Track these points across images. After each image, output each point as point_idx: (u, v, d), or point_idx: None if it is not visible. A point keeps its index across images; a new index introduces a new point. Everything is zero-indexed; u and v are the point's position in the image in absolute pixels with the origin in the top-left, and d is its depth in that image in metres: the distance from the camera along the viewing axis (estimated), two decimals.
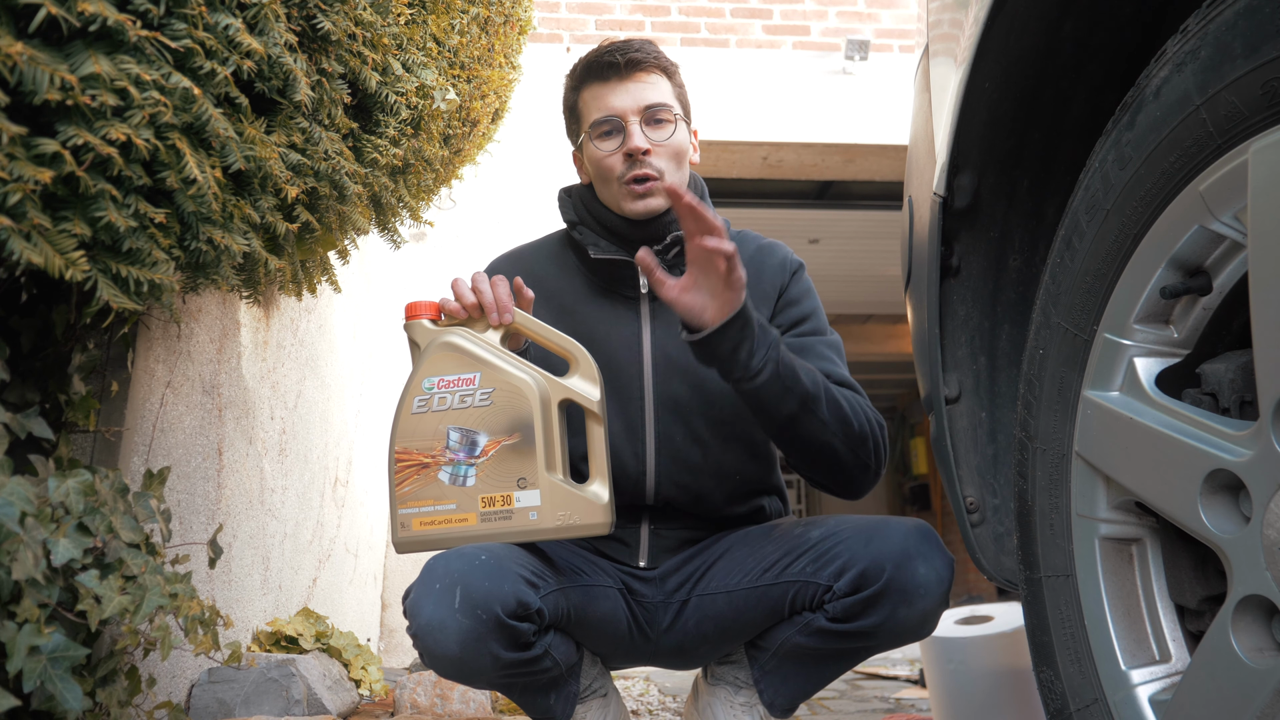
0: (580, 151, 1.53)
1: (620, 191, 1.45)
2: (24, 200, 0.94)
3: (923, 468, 10.37)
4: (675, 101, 1.49)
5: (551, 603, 1.27)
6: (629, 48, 1.46)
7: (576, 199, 1.55)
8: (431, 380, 1.28)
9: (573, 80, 1.52)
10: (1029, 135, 1.13)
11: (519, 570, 1.22)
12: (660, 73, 1.48)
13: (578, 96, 1.51)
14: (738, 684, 1.45)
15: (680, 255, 1.48)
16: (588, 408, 1.31)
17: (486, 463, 1.25)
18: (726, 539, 1.47)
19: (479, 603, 1.17)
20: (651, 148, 1.44)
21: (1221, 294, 0.77)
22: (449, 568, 1.20)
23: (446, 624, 1.17)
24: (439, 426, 1.26)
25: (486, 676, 1.24)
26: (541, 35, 4.51)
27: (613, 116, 1.45)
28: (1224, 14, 0.70)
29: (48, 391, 1.37)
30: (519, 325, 1.31)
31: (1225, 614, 0.71)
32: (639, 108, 1.45)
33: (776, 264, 1.55)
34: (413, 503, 1.26)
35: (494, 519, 1.25)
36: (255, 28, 1.18)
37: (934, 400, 1.21)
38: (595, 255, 1.48)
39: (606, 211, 1.50)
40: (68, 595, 1.15)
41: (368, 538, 3.22)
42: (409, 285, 3.88)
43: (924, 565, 1.27)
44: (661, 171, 1.45)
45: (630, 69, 1.45)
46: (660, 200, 1.45)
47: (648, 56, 1.46)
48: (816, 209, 5.79)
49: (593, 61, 1.48)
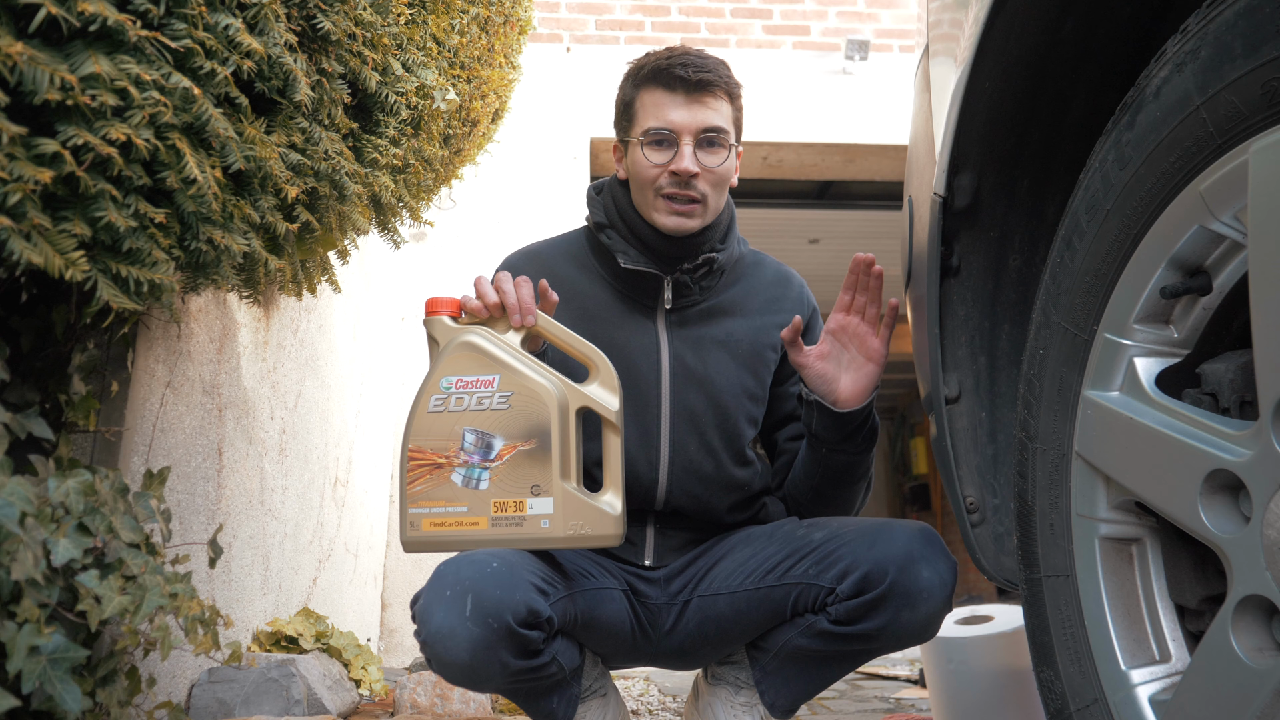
0: (624, 147, 1.50)
1: (656, 202, 1.43)
2: (24, 200, 0.94)
3: (923, 468, 10.37)
4: (733, 128, 1.45)
5: (560, 609, 1.27)
6: (703, 65, 1.42)
7: (607, 198, 1.52)
8: (450, 380, 1.26)
9: (635, 77, 1.47)
10: (1029, 135, 1.13)
11: (530, 578, 1.22)
12: (726, 97, 1.44)
13: (637, 95, 1.46)
14: (738, 684, 1.45)
15: (709, 275, 1.48)
16: (606, 417, 1.29)
17: (501, 467, 1.24)
18: (730, 539, 1.47)
19: (490, 611, 1.16)
20: (700, 172, 1.41)
21: (1221, 294, 0.77)
22: (460, 574, 1.19)
23: (457, 632, 1.16)
24: (455, 427, 1.25)
25: (495, 683, 1.23)
26: (541, 35, 4.51)
27: (670, 130, 1.41)
28: (1224, 14, 0.70)
29: (48, 391, 1.37)
30: (541, 328, 1.30)
31: (1225, 614, 0.71)
32: (697, 128, 1.41)
33: (794, 297, 1.57)
34: (424, 502, 1.25)
35: (505, 525, 1.24)
36: (255, 28, 1.18)
37: (934, 400, 1.21)
38: (626, 265, 1.45)
39: (639, 220, 1.47)
40: (68, 595, 1.14)
41: (368, 538, 3.22)
42: (409, 285, 3.88)
43: (927, 569, 1.27)
44: (705, 195, 1.42)
45: (699, 89, 1.41)
46: (696, 222, 1.44)
47: (719, 80, 1.42)
48: (816, 209, 5.78)
49: (663, 68, 1.43)
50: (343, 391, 2.92)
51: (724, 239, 1.51)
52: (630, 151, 1.47)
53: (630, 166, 1.47)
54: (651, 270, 1.46)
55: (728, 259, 1.50)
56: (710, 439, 1.46)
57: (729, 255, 1.50)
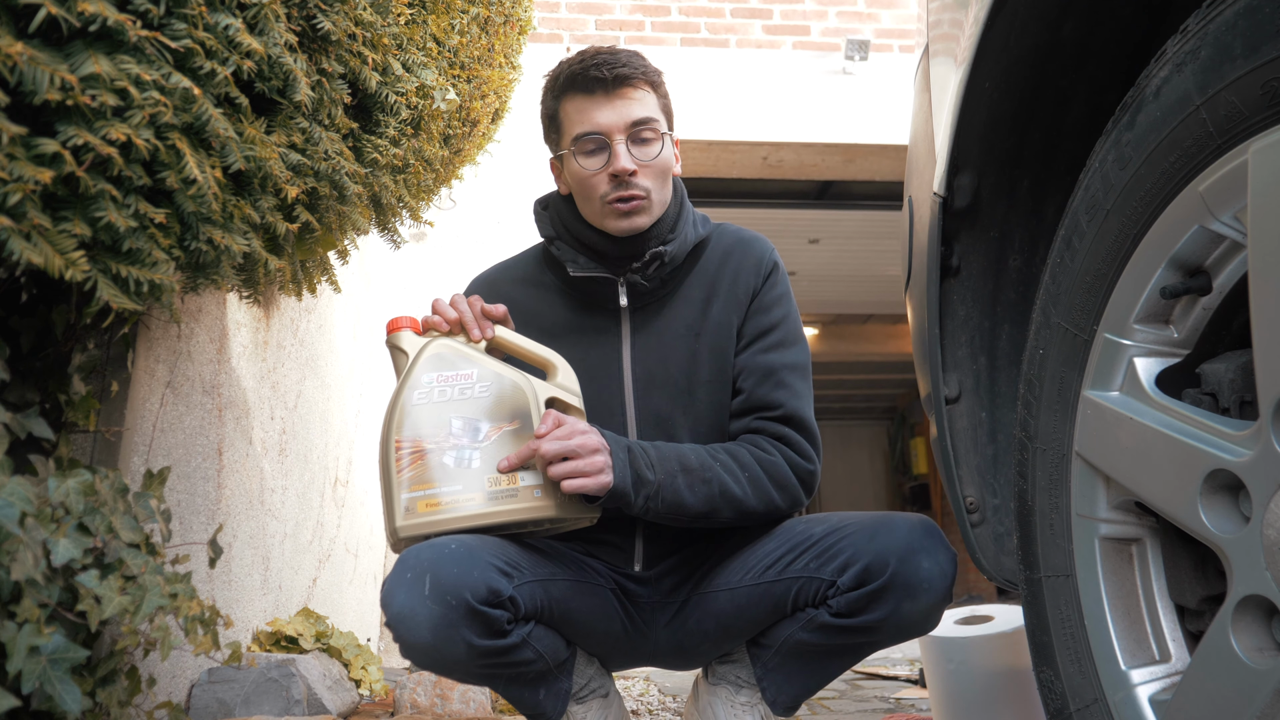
0: (560, 162, 1.49)
1: (604, 210, 1.42)
2: (24, 200, 0.94)
3: (923, 468, 10.38)
4: (661, 115, 1.44)
5: (528, 593, 1.27)
6: (616, 61, 1.41)
7: (554, 213, 1.51)
8: (430, 375, 1.32)
9: (553, 88, 1.46)
10: (1029, 135, 1.13)
11: (490, 559, 1.23)
12: (647, 86, 1.43)
13: (559, 106, 1.46)
14: (739, 683, 1.45)
15: (659, 270, 1.46)
16: (571, 404, 1.37)
17: (490, 446, 1.29)
18: (726, 536, 1.47)
19: (449, 589, 1.19)
20: (638, 168, 1.40)
21: (1221, 294, 0.77)
22: (420, 557, 1.22)
23: (417, 611, 1.19)
24: (441, 416, 1.30)
25: (463, 666, 1.24)
26: (541, 35, 4.51)
27: (597, 134, 1.40)
28: (1224, 14, 0.70)
29: (48, 391, 1.37)
30: (499, 339, 1.37)
31: (1225, 614, 0.71)
32: (625, 124, 1.40)
33: (752, 264, 1.51)
34: (417, 486, 1.27)
35: (500, 498, 1.28)
36: (255, 28, 1.18)
37: (934, 400, 1.21)
38: (575, 273, 1.45)
39: (585, 228, 1.47)
40: (68, 595, 1.14)
41: (367, 538, 3.22)
42: (409, 285, 3.88)
43: (928, 560, 1.28)
44: (648, 190, 1.42)
45: (617, 84, 1.40)
46: (645, 219, 1.43)
47: (635, 71, 1.41)
48: (816, 209, 5.79)
49: (577, 73, 1.42)
50: (343, 391, 2.92)
51: (673, 228, 1.48)
52: (566, 164, 1.45)
53: (570, 180, 1.46)
54: (602, 274, 1.46)
55: (679, 249, 1.47)
56: (680, 440, 1.45)
57: (680, 245, 1.47)
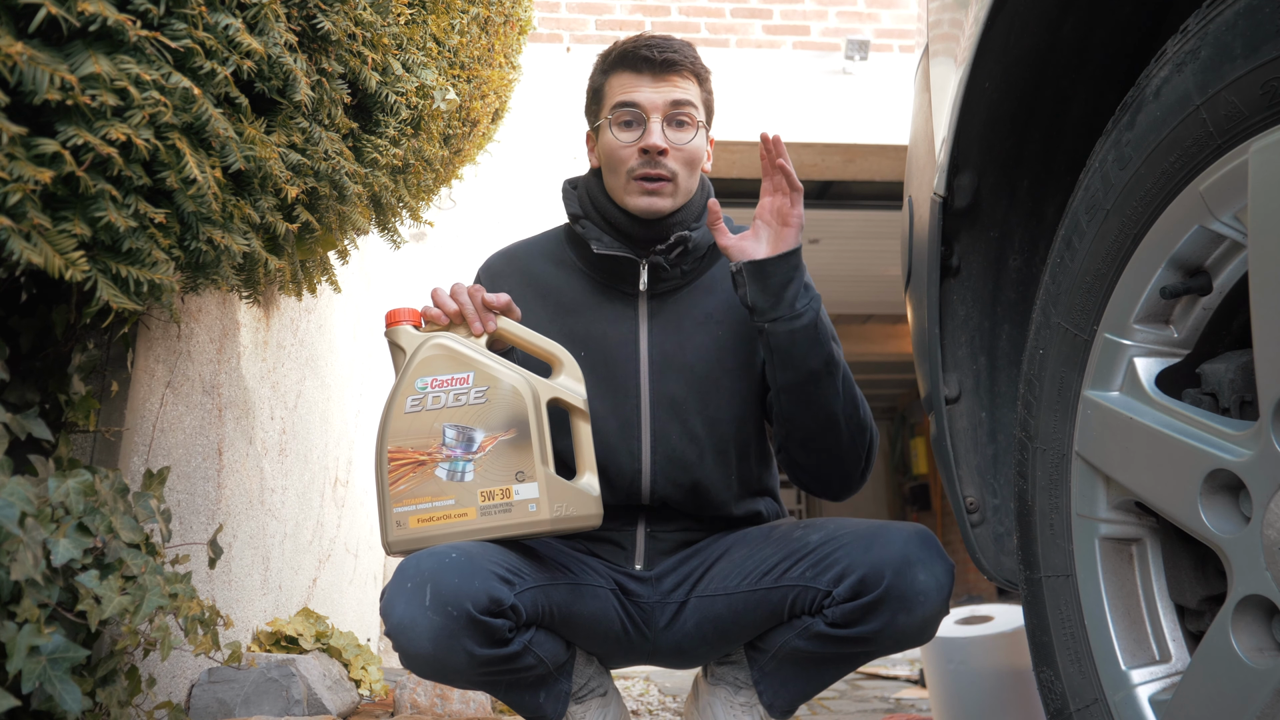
0: (595, 134, 1.52)
1: (629, 185, 1.44)
2: (24, 200, 0.94)
3: (923, 468, 10.37)
4: (701, 106, 1.47)
5: (529, 599, 1.27)
6: (668, 46, 1.44)
7: (582, 191, 1.54)
8: (424, 380, 1.29)
9: (603, 63, 1.50)
10: (1029, 135, 1.13)
11: (491, 567, 1.23)
12: (693, 78, 1.46)
13: (605, 80, 1.49)
14: (738, 684, 1.45)
15: (684, 256, 1.48)
16: (575, 405, 1.34)
17: (484, 458, 1.26)
18: (724, 540, 1.47)
19: (449, 599, 1.18)
20: (669, 149, 1.43)
21: (1221, 294, 0.77)
22: (420, 566, 1.21)
23: (418, 622, 1.18)
24: (434, 424, 1.27)
25: (464, 675, 1.24)
26: (541, 35, 4.51)
27: (635, 106, 1.44)
28: (1224, 14, 0.70)
29: (48, 391, 1.37)
30: (502, 331, 1.34)
31: (1225, 614, 0.71)
32: (664, 104, 1.43)
33: None
34: (409, 500, 1.26)
35: (494, 512, 1.25)
36: (255, 28, 1.18)
37: (934, 400, 1.21)
38: (598, 250, 1.46)
39: (612, 206, 1.49)
40: (68, 595, 1.15)
41: (368, 538, 3.22)
42: (409, 285, 3.88)
43: (924, 572, 1.27)
44: (674, 174, 1.44)
45: (665, 68, 1.44)
46: (667, 202, 1.45)
47: (684, 60, 1.45)
48: (816, 209, 5.78)
49: (629, 51, 1.46)
50: (343, 391, 2.92)
51: (698, 218, 1.51)
52: (600, 135, 1.49)
53: (601, 151, 1.49)
54: (625, 254, 1.47)
55: (703, 238, 1.49)
56: (693, 425, 1.45)
57: (705, 234, 1.50)
